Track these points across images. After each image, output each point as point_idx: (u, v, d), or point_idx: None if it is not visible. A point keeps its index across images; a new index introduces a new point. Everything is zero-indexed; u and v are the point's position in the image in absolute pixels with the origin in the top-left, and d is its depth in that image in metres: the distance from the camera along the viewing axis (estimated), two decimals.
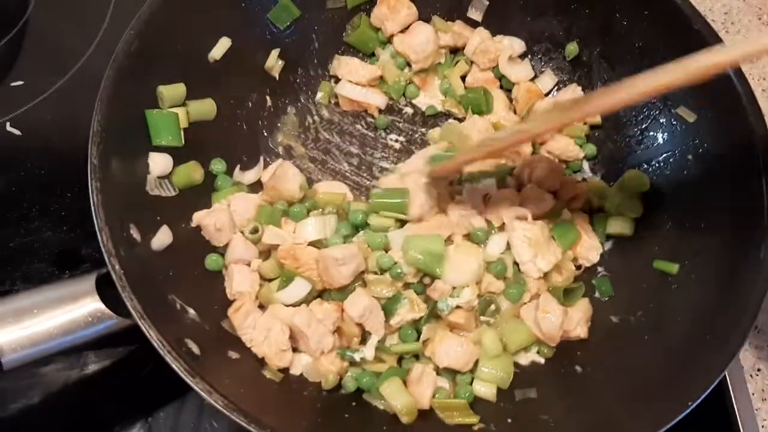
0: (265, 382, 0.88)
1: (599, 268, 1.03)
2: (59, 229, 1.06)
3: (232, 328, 0.89)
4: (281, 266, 0.93)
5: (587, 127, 1.12)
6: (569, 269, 1.01)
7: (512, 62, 1.15)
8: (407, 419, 0.87)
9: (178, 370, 0.74)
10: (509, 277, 0.98)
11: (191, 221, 0.95)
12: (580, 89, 1.12)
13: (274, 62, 1.10)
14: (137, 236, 0.84)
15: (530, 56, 1.17)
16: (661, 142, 1.03)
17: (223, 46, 1.01)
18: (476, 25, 1.17)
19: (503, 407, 0.91)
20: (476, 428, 0.87)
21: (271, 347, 0.88)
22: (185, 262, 0.91)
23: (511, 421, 0.89)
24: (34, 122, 1.13)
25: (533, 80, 1.16)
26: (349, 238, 0.97)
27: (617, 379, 0.89)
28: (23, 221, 1.06)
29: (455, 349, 0.92)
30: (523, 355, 0.97)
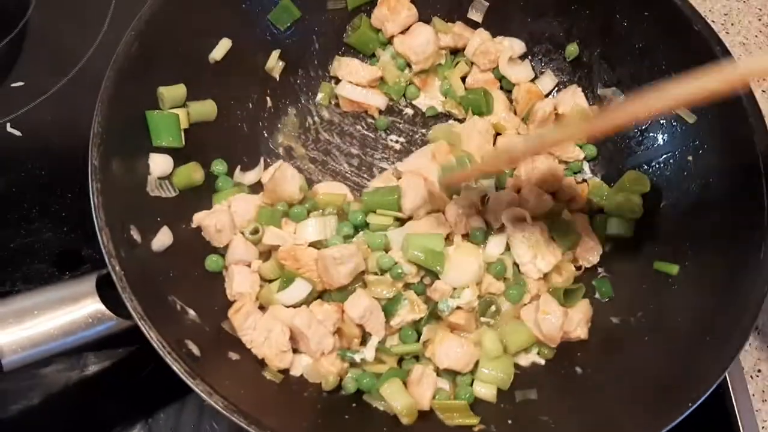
0: (265, 383, 0.88)
1: (599, 269, 1.03)
2: (60, 230, 1.05)
3: (232, 329, 0.89)
4: (281, 267, 0.93)
5: None
6: (569, 270, 1.01)
7: (512, 63, 1.14)
8: (407, 420, 0.87)
9: (178, 371, 0.74)
10: (509, 278, 0.98)
11: (192, 222, 0.95)
12: (580, 90, 1.12)
13: (274, 63, 1.10)
14: (137, 237, 0.84)
15: (530, 57, 1.17)
16: (661, 143, 1.03)
17: (223, 47, 1.01)
18: (476, 26, 1.17)
19: (503, 408, 0.91)
20: (476, 429, 0.87)
21: (271, 348, 0.88)
22: (185, 263, 0.91)
23: (511, 422, 0.89)
24: (34, 123, 1.13)
25: (533, 81, 1.16)
26: (349, 238, 0.97)
27: (617, 380, 0.89)
28: (24, 222, 1.06)
29: (455, 350, 0.92)
30: (523, 356, 0.97)
